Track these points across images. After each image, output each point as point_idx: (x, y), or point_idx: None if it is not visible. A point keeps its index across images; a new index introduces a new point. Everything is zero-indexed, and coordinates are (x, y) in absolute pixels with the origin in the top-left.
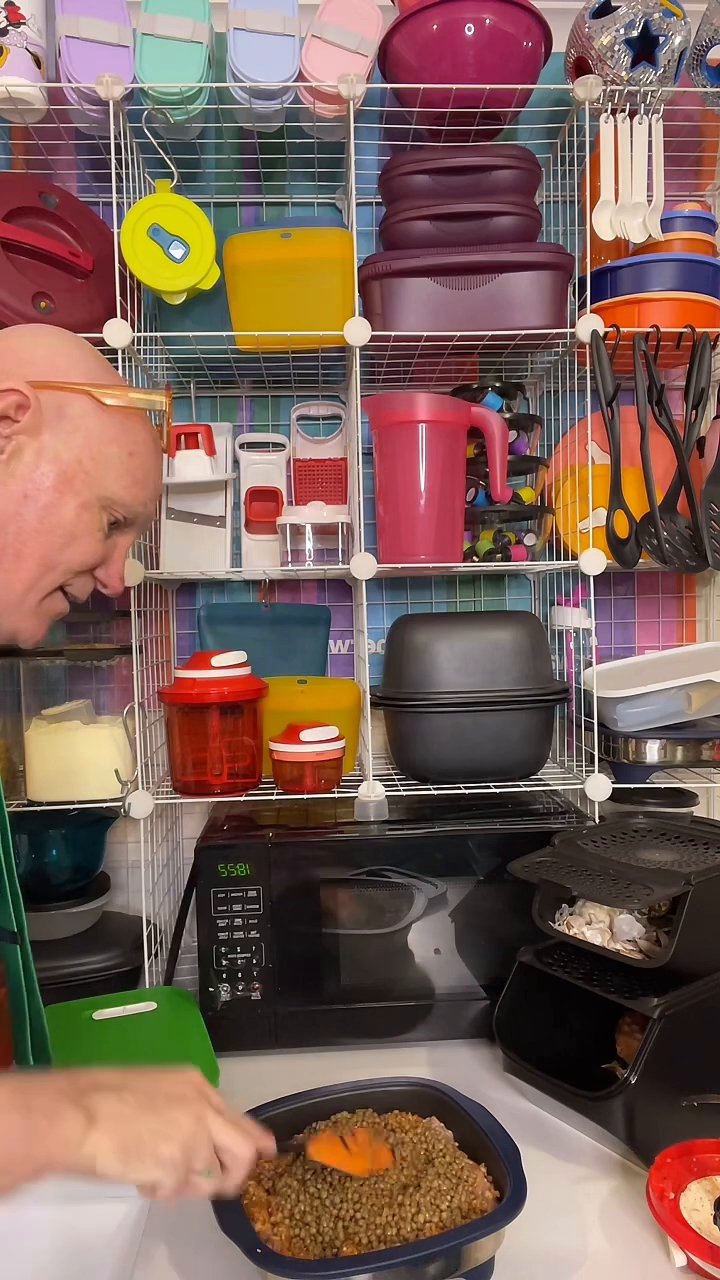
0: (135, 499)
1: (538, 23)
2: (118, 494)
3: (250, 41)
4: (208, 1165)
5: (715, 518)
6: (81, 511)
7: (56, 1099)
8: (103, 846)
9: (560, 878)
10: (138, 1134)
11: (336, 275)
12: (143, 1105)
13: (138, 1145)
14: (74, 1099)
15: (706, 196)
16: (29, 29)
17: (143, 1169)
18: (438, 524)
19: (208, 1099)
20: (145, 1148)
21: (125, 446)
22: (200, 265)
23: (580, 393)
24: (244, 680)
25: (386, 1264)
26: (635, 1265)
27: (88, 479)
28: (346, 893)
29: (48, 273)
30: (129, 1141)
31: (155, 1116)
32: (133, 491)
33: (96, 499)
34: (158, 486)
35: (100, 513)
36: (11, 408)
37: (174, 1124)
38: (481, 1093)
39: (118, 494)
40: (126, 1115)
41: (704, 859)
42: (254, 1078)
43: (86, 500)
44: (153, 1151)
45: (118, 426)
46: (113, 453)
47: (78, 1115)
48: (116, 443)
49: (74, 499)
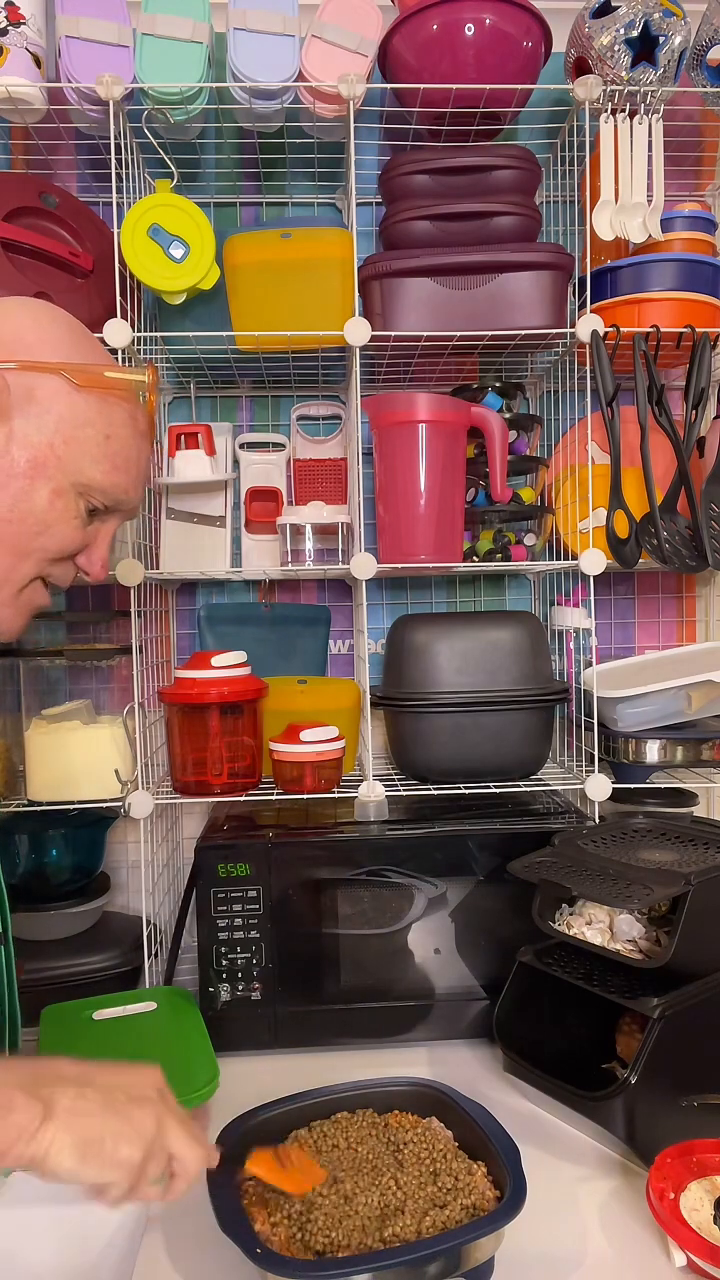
0: (114, 485)
1: (538, 23)
2: (95, 479)
3: (250, 41)
4: (160, 1173)
5: (715, 518)
6: (55, 499)
7: (12, 1089)
8: (103, 846)
9: (560, 878)
10: (98, 1133)
11: (336, 275)
12: (104, 1103)
13: (97, 1145)
14: (31, 1090)
15: (706, 196)
16: (29, 29)
17: (99, 1170)
18: (438, 524)
19: (166, 1102)
20: (105, 1148)
21: (101, 429)
22: (200, 265)
23: (580, 393)
24: (244, 680)
25: (386, 1264)
26: (635, 1265)
27: (60, 464)
28: (346, 893)
29: (48, 273)
30: (88, 1140)
31: (116, 1116)
32: (112, 478)
33: (71, 485)
34: (141, 472)
35: (76, 499)
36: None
37: (135, 1126)
38: (481, 1093)
39: (95, 479)
40: (87, 1112)
41: (704, 859)
42: (254, 1078)
43: (60, 486)
44: (112, 1153)
45: (93, 408)
46: (87, 436)
47: (33, 1107)
48: (91, 425)
49: (46, 485)
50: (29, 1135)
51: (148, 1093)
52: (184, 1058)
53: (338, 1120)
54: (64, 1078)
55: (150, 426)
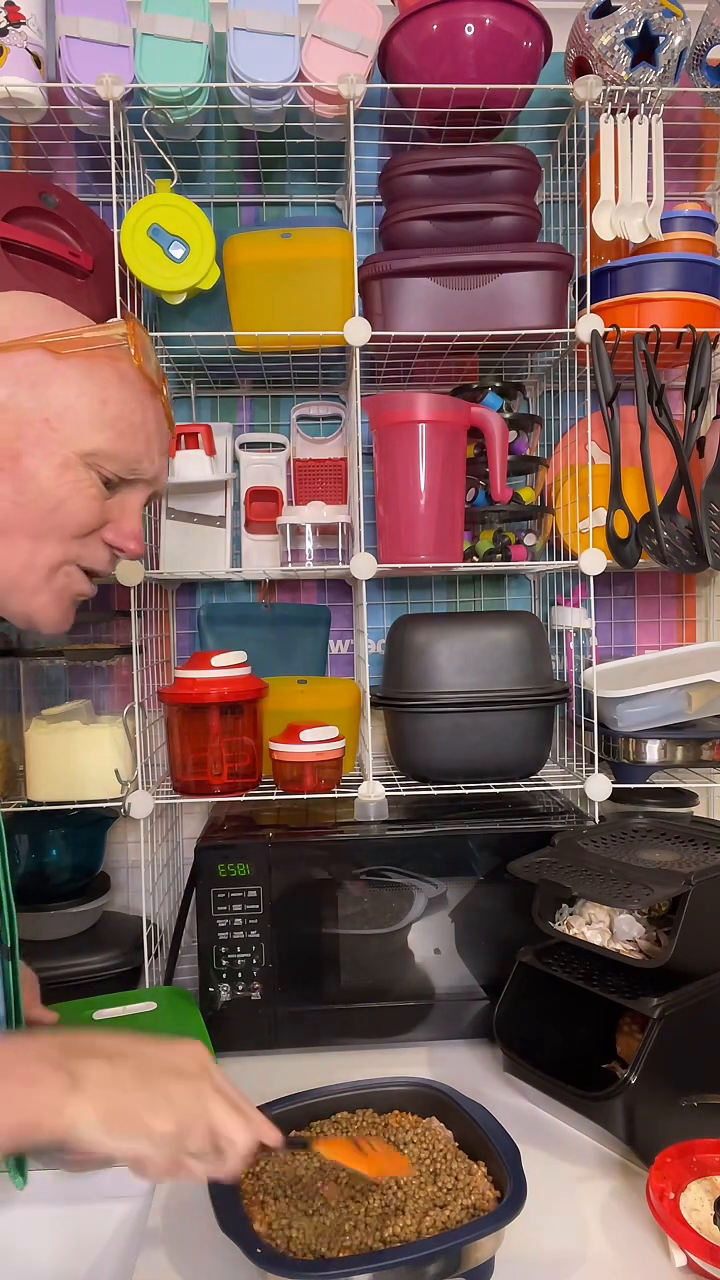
0: (125, 451)
1: (538, 23)
2: (101, 447)
3: (250, 41)
4: (203, 1147)
5: (715, 518)
6: (62, 473)
7: (39, 1063)
8: (103, 846)
9: (560, 878)
10: (127, 1104)
11: (336, 275)
12: (137, 1075)
13: (126, 1116)
14: (59, 1063)
15: (706, 196)
16: (29, 29)
17: (130, 1142)
18: (438, 524)
19: (210, 1076)
20: (134, 1119)
21: (95, 395)
22: (200, 265)
23: (580, 393)
24: (244, 680)
25: (386, 1264)
26: (635, 1265)
27: (58, 437)
28: (346, 893)
29: (48, 273)
30: (116, 1111)
31: (148, 1088)
32: (119, 444)
33: (77, 456)
34: (153, 436)
35: (85, 470)
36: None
37: (169, 1098)
38: (481, 1093)
39: (101, 447)
40: (117, 1084)
41: (704, 859)
42: (254, 1078)
43: (65, 459)
44: (143, 1124)
45: (81, 375)
46: (82, 404)
47: (60, 1080)
48: (84, 393)
49: (49, 462)
50: (56, 1108)
51: (187, 1065)
52: None
53: (338, 1120)
54: (95, 1049)
55: (148, 382)
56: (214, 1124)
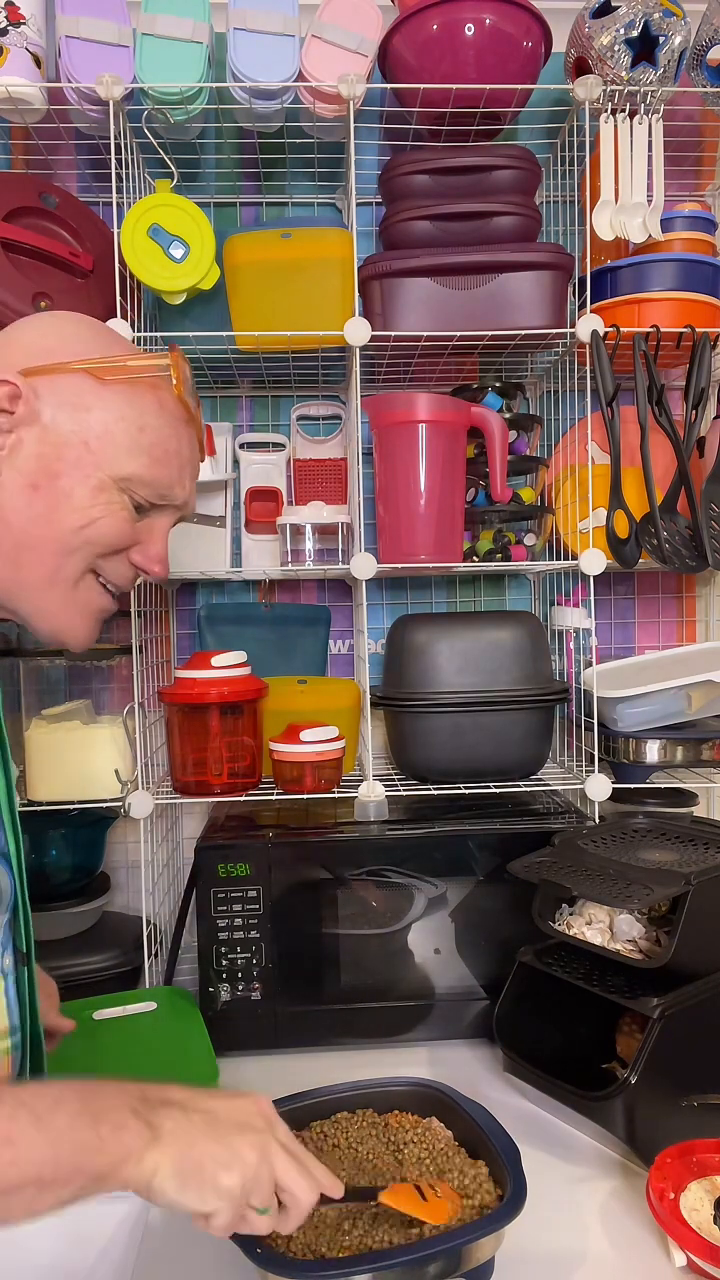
0: (158, 478)
1: (538, 23)
2: (135, 472)
3: (250, 41)
4: (266, 1203)
5: (715, 518)
6: (96, 494)
7: (124, 1110)
8: (103, 846)
9: (560, 878)
10: (199, 1159)
11: (336, 275)
12: (208, 1128)
13: (198, 1171)
14: (139, 1112)
15: (706, 196)
16: (29, 29)
17: (200, 1197)
18: (438, 524)
19: (274, 1131)
20: (205, 1174)
21: (133, 422)
22: (200, 265)
23: (580, 393)
24: (244, 680)
25: (386, 1264)
26: (635, 1265)
27: (96, 460)
28: (346, 893)
29: (48, 273)
30: (189, 1165)
31: (219, 1143)
32: (153, 470)
33: (112, 480)
34: (186, 464)
35: (118, 494)
36: (4, 399)
37: (237, 1154)
38: (481, 1093)
39: (135, 472)
40: (191, 1137)
41: (704, 859)
42: (254, 1078)
43: (100, 482)
44: (212, 1179)
45: (122, 401)
46: (120, 430)
47: (142, 1129)
48: (123, 419)
49: (84, 483)
50: (136, 1158)
51: (253, 1121)
52: (184, 1058)
53: (338, 1120)
54: (170, 1102)
55: (186, 411)
56: (279, 1179)
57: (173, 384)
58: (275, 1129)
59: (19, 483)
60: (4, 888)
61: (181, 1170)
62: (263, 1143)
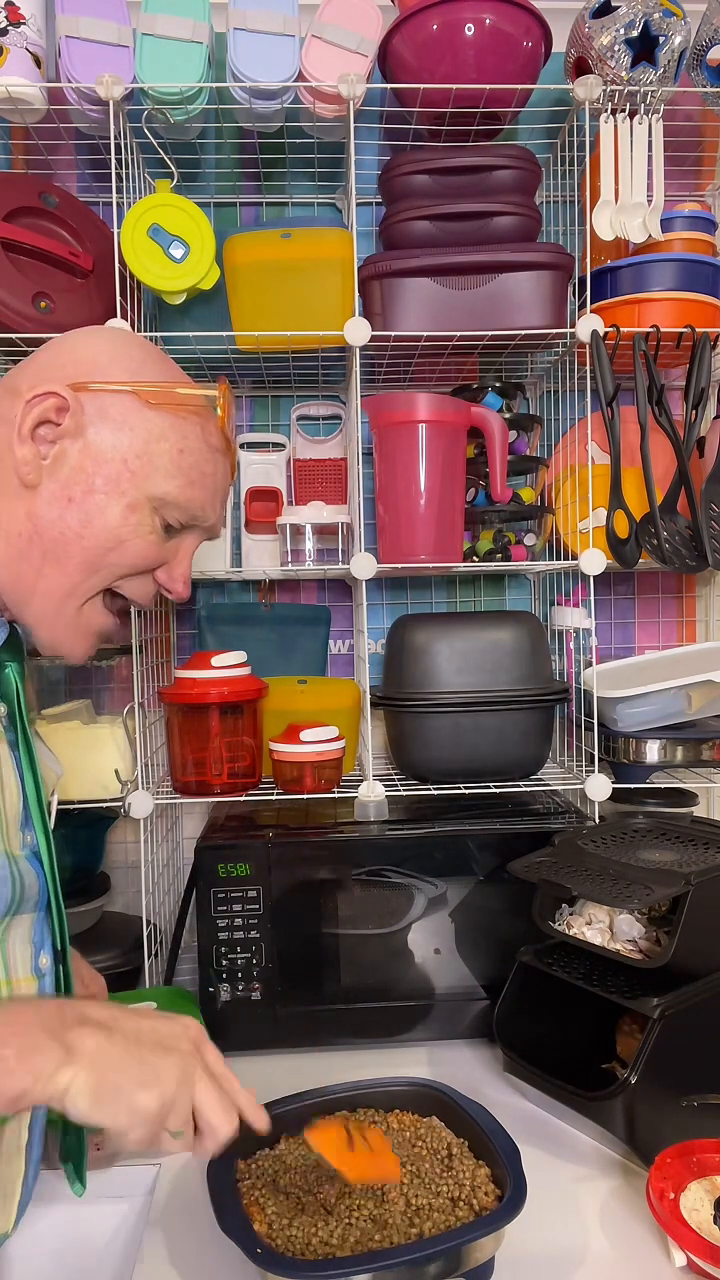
0: (191, 500)
1: (538, 23)
2: (170, 494)
3: (250, 41)
4: (181, 1127)
5: (715, 518)
6: (129, 514)
7: (35, 1031)
8: (103, 846)
9: (560, 878)
10: (116, 1079)
11: (336, 275)
12: (130, 1047)
13: (114, 1090)
14: (55, 1032)
15: (706, 196)
16: (29, 29)
17: (114, 1115)
18: (438, 524)
19: (202, 1054)
20: (122, 1093)
21: (174, 444)
22: (200, 265)
23: (580, 393)
24: (244, 680)
25: (386, 1264)
26: (635, 1265)
27: (134, 479)
28: (346, 893)
29: (48, 273)
30: (105, 1083)
31: (138, 1062)
32: (188, 493)
33: (147, 500)
34: (218, 488)
35: (151, 515)
36: (51, 411)
37: (156, 1074)
38: (481, 1093)
39: (170, 494)
40: (109, 1056)
41: (704, 859)
42: (254, 1078)
43: (135, 501)
44: (129, 1098)
45: (165, 424)
46: (161, 450)
47: (55, 1049)
48: (165, 439)
49: (119, 501)
50: (47, 1076)
51: (178, 1043)
52: None
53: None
54: (89, 1020)
55: (225, 442)
56: (198, 1105)
57: (217, 415)
58: (204, 1052)
59: (56, 494)
60: (35, 886)
61: (97, 1088)
62: (185, 1065)
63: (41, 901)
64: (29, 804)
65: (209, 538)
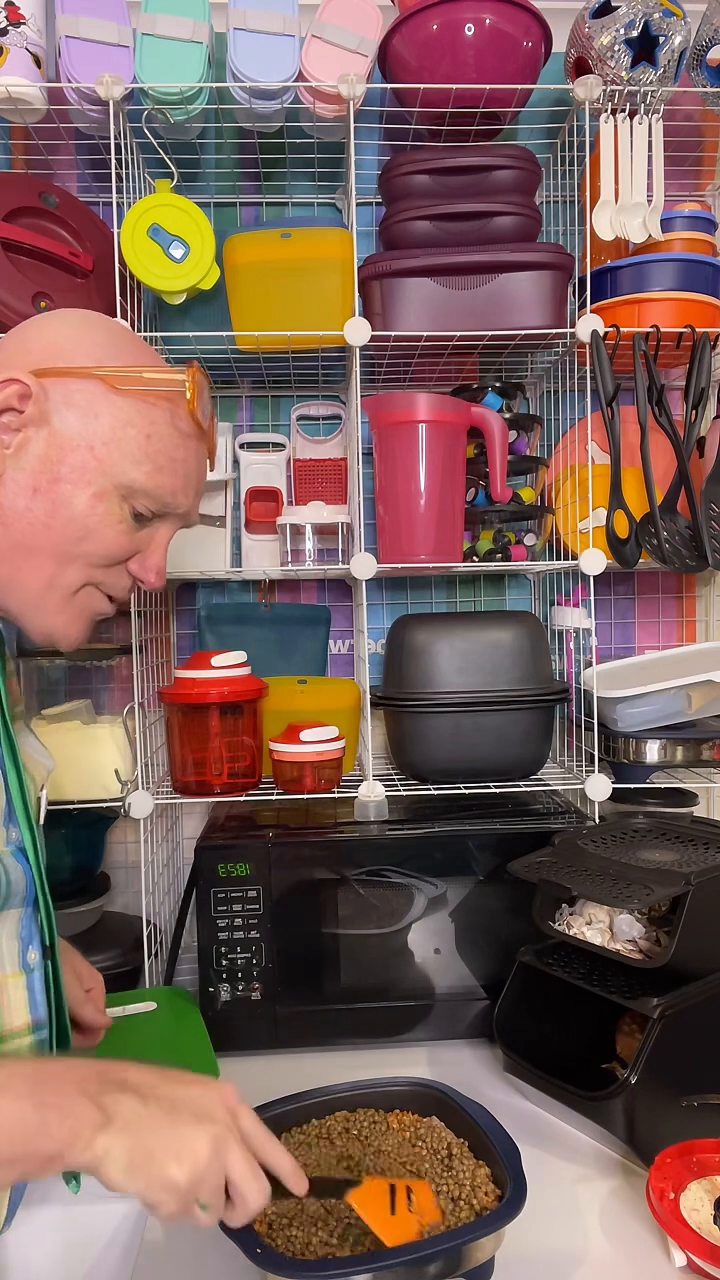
0: (160, 487)
1: (538, 23)
2: (138, 481)
3: (250, 41)
4: (213, 1200)
5: (715, 518)
6: (96, 502)
7: (74, 1094)
8: (103, 846)
9: (560, 878)
10: (150, 1148)
11: (336, 275)
12: (164, 1117)
13: (147, 1160)
14: (93, 1095)
15: (706, 196)
16: (29, 29)
17: (147, 1186)
18: (438, 524)
19: (236, 1123)
20: (154, 1164)
21: (141, 429)
22: (200, 265)
23: (580, 393)
24: (244, 680)
25: (386, 1264)
26: (635, 1265)
27: (100, 467)
28: (346, 893)
29: (48, 273)
30: (139, 1153)
31: (173, 1132)
32: (156, 479)
33: (114, 488)
34: (189, 475)
35: (120, 503)
36: (14, 398)
37: (189, 1146)
38: (481, 1093)
39: (138, 481)
40: (144, 1125)
41: (704, 859)
42: (254, 1078)
43: (101, 489)
44: (160, 1170)
45: (132, 409)
46: (128, 436)
47: (92, 1114)
48: (131, 425)
49: (86, 489)
50: (84, 1142)
51: (214, 1112)
52: (184, 1058)
53: (337, 1120)
54: (129, 1085)
55: (196, 426)
56: (230, 1177)
57: (187, 398)
58: (240, 1118)
59: (22, 484)
60: (21, 881)
61: (131, 1158)
62: (219, 1136)
63: (29, 897)
64: (11, 799)
65: (184, 525)
